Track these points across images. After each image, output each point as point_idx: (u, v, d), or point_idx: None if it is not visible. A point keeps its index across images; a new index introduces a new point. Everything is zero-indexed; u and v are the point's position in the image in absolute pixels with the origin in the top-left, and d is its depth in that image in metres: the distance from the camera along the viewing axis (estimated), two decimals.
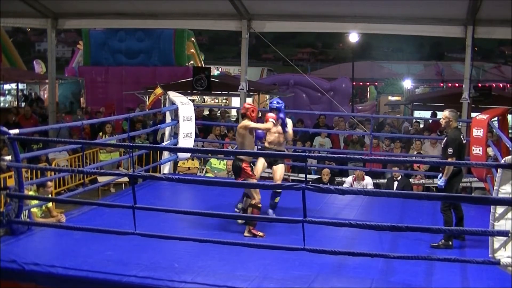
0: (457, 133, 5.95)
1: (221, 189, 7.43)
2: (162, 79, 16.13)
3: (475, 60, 13.21)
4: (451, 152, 5.79)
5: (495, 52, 50.10)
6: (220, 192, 7.42)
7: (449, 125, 6.03)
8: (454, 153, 5.78)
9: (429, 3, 9.81)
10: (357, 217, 6.89)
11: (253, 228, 5.95)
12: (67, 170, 8.26)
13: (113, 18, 12.30)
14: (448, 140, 5.93)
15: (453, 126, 6.01)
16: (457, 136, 5.90)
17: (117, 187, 10.66)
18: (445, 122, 6.09)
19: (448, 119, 6.01)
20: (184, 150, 8.57)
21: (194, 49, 21.15)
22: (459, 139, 5.89)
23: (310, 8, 10.75)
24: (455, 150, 5.79)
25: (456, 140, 5.86)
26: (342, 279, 4.84)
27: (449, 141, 5.90)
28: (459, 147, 5.84)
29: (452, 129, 6.00)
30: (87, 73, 20.22)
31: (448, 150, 5.82)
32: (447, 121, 6.03)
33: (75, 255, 5.14)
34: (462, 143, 5.94)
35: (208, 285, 4.62)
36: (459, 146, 5.84)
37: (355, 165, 9.70)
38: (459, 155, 5.85)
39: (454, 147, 5.80)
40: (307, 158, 5.39)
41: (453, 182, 5.90)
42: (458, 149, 5.82)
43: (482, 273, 4.92)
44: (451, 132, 5.98)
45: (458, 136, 5.90)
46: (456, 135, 5.92)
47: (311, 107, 18.82)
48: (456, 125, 6.06)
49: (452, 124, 6.01)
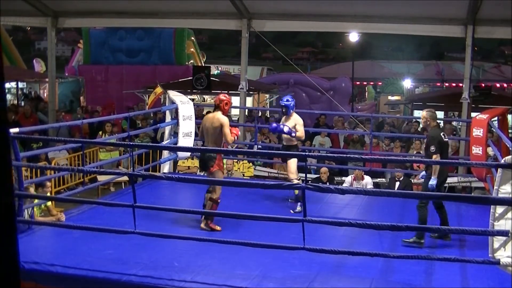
0: (437, 132, 5.96)
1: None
2: (162, 78, 16.14)
3: (475, 60, 13.22)
4: (433, 150, 5.78)
5: (495, 52, 50.13)
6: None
7: (428, 125, 6.03)
8: (437, 151, 5.78)
9: (429, 3, 9.81)
10: (357, 216, 6.89)
11: (211, 222, 6.09)
12: (67, 169, 8.25)
13: (113, 17, 12.30)
14: (428, 139, 5.94)
15: (432, 125, 6.01)
16: (437, 134, 5.90)
17: (117, 186, 10.66)
18: (423, 123, 6.11)
19: (425, 119, 6.02)
20: (184, 149, 8.57)
21: (194, 48, 21.14)
22: (439, 137, 5.89)
23: (310, 7, 10.75)
24: (437, 148, 5.79)
25: (436, 138, 5.86)
26: (342, 278, 4.84)
27: (430, 140, 5.90)
28: (439, 144, 5.83)
29: (432, 128, 5.99)
30: (87, 72, 20.21)
31: (431, 148, 5.81)
32: (425, 121, 6.05)
33: (74, 254, 5.14)
34: (443, 141, 5.92)
35: (208, 284, 4.62)
36: (439, 144, 5.83)
37: (355, 165, 9.71)
38: (441, 153, 5.84)
39: (436, 144, 5.80)
40: (307, 158, 5.39)
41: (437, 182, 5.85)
42: (439, 146, 5.81)
43: (482, 273, 4.92)
44: (431, 130, 5.99)
45: (438, 134, 5.91)
46: (436, 133, 5.92)
47: (311, 106, 18.82)
48: (436, 124, 6.06)
49: (431, 124, 6.00)
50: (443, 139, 5.93)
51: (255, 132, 9.81)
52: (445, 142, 5.99)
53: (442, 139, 5.92)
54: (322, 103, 18.89)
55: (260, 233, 5.66)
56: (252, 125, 10.90)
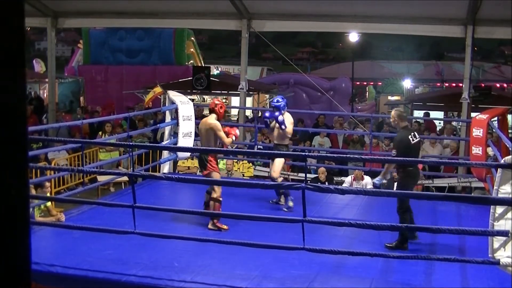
0: (404, 134, 5.76)
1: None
2: (162, 78, 16.13)
3: (475, 60, 13.21)
4: (394, 155, 5.64)
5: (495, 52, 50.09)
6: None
7: (397, 125, 5.87)
8: (398, 155, 5.56)
9: (429, 3, 9.81)
10: (357, 216, 6.89)
11: (218, 221, 6.10)
12: (66, 169, 8.25)
13: (113, 17, 12.30)
14: (393, 142, 5.83)
15: (401, 126, 5.84)
16: (402, 137, 5.71)
17: (116, 186, 10.66)
18: (392, 122, 5.95)
19: (394, 119, 5.87)
20: (183, 149, 8.57)
21: (194, 48, 21.14)
22: (405, 139, 5.68)
23: (310, 7, 10.75)
24: (399, 152, 5.58)
25: (401, 141, 5.69)
26: (341, 278, 4.85)
27: (394, 143, 5.77)
28: (404, 149, 5.60)
29: (400, 130, 5.83)
30: (87, 72, 20.21)
31: (392, 153, 5.69)
32: (393, 120, 5.90)
33: (74, 254, 5.15)
34: (410, 143, 5.69)
35: (208, 284, 4.62)
36: (404, 148, 5.61)
37: (355, 165, 9.70)
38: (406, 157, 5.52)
39: (398, 149, 5.62)
40: (306, 158, 5.39)
41: (407, 184, 5.74)
42: (404, 151, 5.58)
43: (482, 273, 4.92)
44: (399, 133, 5.83)
45: (404, 137, 5.71)
46: (402, 136, 5.74)
47: (310, 106, 18.82)
48: (405, 125, 5.89)
49: (399, 124, 5.84)
50: (411, 142, 5.70)
51: (255, 132, 9.81)
52: (413, 145, 5.73)
53: (410, 141, 5.69)
54: (322, 103, 18.88)
55: (260, 233, 5.66)
56: (252, 125, 10.90)
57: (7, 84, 1.05)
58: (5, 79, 1.05)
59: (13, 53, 1.06)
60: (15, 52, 1.06)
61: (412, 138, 5.74)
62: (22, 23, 1.07)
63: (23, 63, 1.08)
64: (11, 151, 1.05)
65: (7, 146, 1.04)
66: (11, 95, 1.06)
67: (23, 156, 1.08)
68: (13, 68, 1.06)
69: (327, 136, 11.57)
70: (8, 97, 1.05)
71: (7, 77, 1.05)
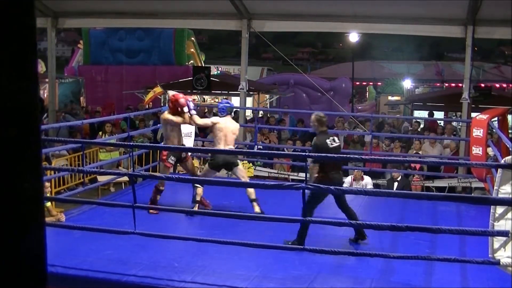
0: (321, 139, 5.63)
1: (221, 188, 7.43)
2: (162, 78, 16.13)
3: (475, 60, 13.20)
4: (311, 160, 5.49)
5: (495, 52, 50.14)
6: (219, 192, 7.42)
7: (317, 129, 5.75)
8: (316, 161, 5.45)
9: (429, 3, 9.81)
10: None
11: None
12: (67, 169, 8.25)
13: (113, 17, 12.30)
14: (311, 146, 5.68)
15: (320, 130, 5.72)
16: (320, 142, 5.59)
17: (117, 186, 10.66)
18: (312, 126, 5.83)
19: (313, 123, 5.77)
20: (183, 149, 8.55)
21: (194, 49, 21.14)
22: (323, 144, 5.56)
23: (310, 7, 10.75)
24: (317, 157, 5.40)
25: (318, 146, 5.54)
26: (342, 278, 4.85)
27: (312, 148, 5.64)
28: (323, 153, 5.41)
29: (318, 134, 5.71)
30: (87, 72, 20.22)
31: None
32: (312, 125, 5.79)
33: (74, 254, 5.15)
34: (329, 148, 5.56)
35: (208, 284, 4.62)
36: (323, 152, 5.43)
37: (355, 165, 9.70)
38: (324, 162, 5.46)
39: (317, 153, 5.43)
40: (307, 158, 5.39)
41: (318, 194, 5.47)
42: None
43: (482, 273, 4.92)
44: (316, 138, 5.71)
45: (321, 142, 5.58)
46: (319, 141, 5.61)
47: (311, 106, 18.81)
48: (324, 129, 5.75)
49: (318, 128, 5.72)
50: (329, 146, 5.59)
51: (255, 133, 9.81)
52: (332, 149, 5.59)
53: (328, 145, 5.58)
54: (322, 104, 18.88)
55: (260, 233, 5.66)
56: (252, 126, 10.90)
57: (20, 84, 1.05)
58: (19, 79, 1.05)
59: (26, 53, 1.06)
60: (28, 52, 1.06)
61: (330, 142, 5.66)
62: (34, 23, 1.08)
63: (36, 63, 1.09)
64: (25, 150, 1.05)
65: (21, 146, 1.05)
66: (24, 95, 1.06)
67: (36, 156, 1.08)
68: (26, 67, 1.06)
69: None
70: (22, 97, 1.05)
71: (21, 77, 1.05)
